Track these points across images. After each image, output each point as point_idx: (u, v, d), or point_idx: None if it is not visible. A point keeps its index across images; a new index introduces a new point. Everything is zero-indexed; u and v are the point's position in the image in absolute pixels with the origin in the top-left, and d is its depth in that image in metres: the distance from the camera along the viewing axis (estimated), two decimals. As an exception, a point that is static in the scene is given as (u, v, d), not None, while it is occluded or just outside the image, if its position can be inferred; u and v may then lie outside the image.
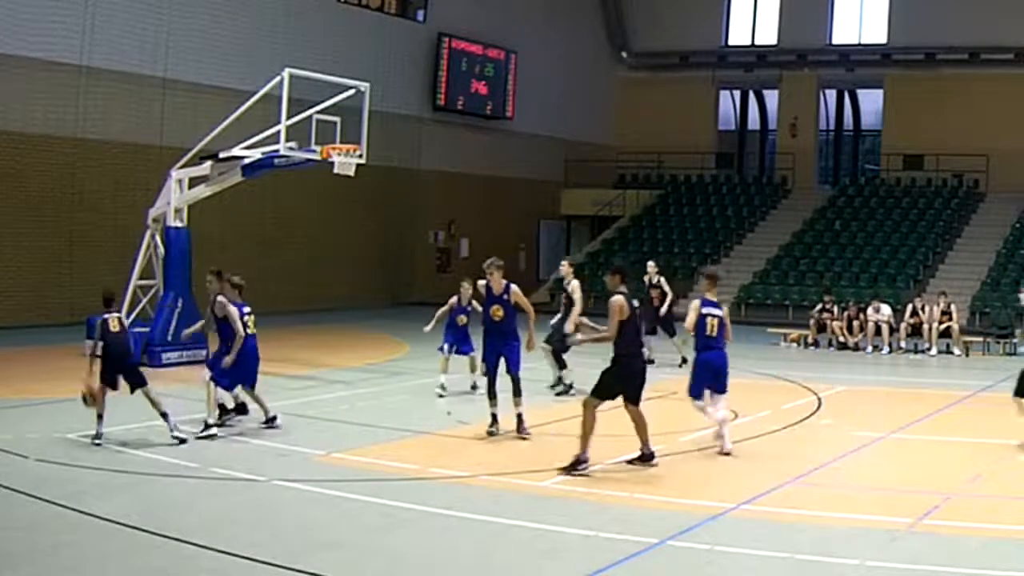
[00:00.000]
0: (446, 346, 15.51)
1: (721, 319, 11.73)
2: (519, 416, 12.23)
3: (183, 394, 14.68)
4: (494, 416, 12.33)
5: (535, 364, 14.95)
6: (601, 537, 8.28)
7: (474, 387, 15.41)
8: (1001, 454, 11.80)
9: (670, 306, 19.81)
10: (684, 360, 19.21)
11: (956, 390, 16.87)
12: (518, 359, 12.45)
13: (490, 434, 12.23)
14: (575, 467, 10.32)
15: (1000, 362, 21.08)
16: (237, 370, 11.99)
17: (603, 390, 10.60)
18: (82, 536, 8.08)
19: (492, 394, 12.34)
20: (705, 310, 11.73)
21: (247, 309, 12.32)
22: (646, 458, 10.74)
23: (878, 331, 22.78)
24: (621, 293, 10.61)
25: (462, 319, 15.59)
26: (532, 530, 8.48)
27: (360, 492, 9.55)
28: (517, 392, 12.25)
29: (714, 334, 11.68)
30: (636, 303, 10.91)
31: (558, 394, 15.46)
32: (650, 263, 20.47)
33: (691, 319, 11.81)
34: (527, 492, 9.76)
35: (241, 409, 12.74)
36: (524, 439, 12.09)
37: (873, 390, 17.71)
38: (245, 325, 12.09)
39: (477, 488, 9.96)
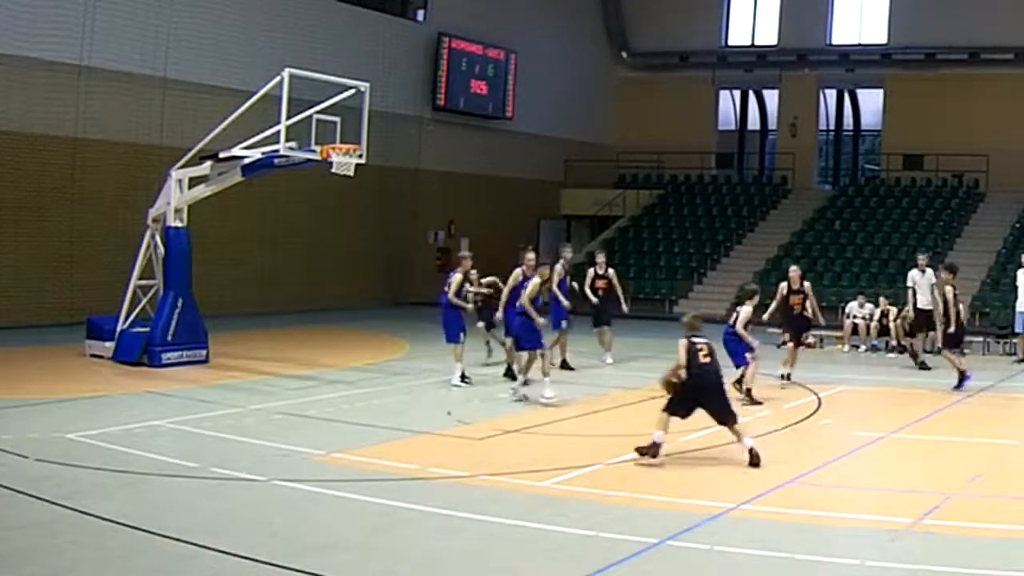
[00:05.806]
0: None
1: None
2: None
3: (184, 394, 14.71)
4: None
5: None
6: (601, 537, 8.27)
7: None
8: (1001, 454, 11.81)
9: (618, 300, 19.64)
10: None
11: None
12: None
13: None
14: None
15: (1000, 362, 21.06)
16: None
17: None
18: (82, 536, 8.07)
19: None
20: None
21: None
22: None
23: (881, 331, 22.80)
24: None
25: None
26: (532, 530, 8.48)
27: (360, 492, 9.55)
28: None
29: None
30: None
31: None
32: (600, 254, 20.40)
33: None
34: (527, 492, 9.75)
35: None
36: None
37: (873, 390, 17.70)
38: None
39: (477, 488, 9.95)
